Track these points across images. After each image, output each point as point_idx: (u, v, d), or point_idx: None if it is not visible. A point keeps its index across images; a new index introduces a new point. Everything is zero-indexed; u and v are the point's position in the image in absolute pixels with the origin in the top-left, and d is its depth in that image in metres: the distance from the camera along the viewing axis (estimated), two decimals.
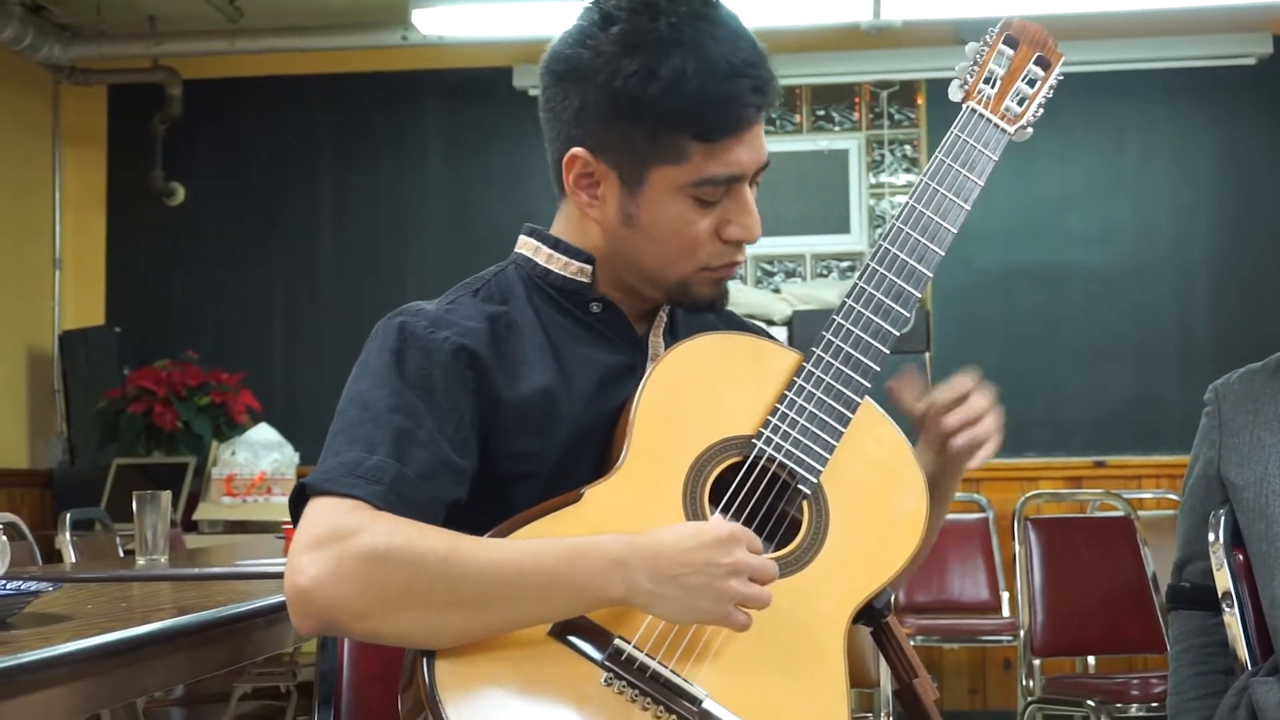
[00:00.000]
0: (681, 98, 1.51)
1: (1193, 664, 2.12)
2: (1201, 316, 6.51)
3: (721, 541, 1.40)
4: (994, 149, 1.65)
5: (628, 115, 1.52)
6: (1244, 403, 2.07)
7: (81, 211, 7.12)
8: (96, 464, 6.43)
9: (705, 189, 1.55)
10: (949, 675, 6.35)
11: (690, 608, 1.40)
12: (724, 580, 1.39)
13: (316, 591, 1.35)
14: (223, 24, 6.62)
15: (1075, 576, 4.24)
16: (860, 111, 6.76)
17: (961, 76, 1.67)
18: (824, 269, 6.70)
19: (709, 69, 1.51)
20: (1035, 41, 1.69)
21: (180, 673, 2.10)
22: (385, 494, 1.41)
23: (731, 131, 1.53)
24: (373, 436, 1.45)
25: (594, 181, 1.58)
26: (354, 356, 1.55)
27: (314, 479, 1.44)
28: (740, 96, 1.53)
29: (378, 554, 1.35)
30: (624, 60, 1.52)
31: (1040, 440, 6.45)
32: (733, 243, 1.59)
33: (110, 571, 3.10)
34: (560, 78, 1.58)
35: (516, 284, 1.63)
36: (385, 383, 1.49)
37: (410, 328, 1.54)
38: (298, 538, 1.39)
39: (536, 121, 1.66)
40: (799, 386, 1.56)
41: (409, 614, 1.36)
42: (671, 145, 1.53)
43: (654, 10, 1.53)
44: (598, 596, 1.39)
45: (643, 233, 1.57)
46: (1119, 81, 6.57)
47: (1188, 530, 2.15)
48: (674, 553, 1.39)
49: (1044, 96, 1.68)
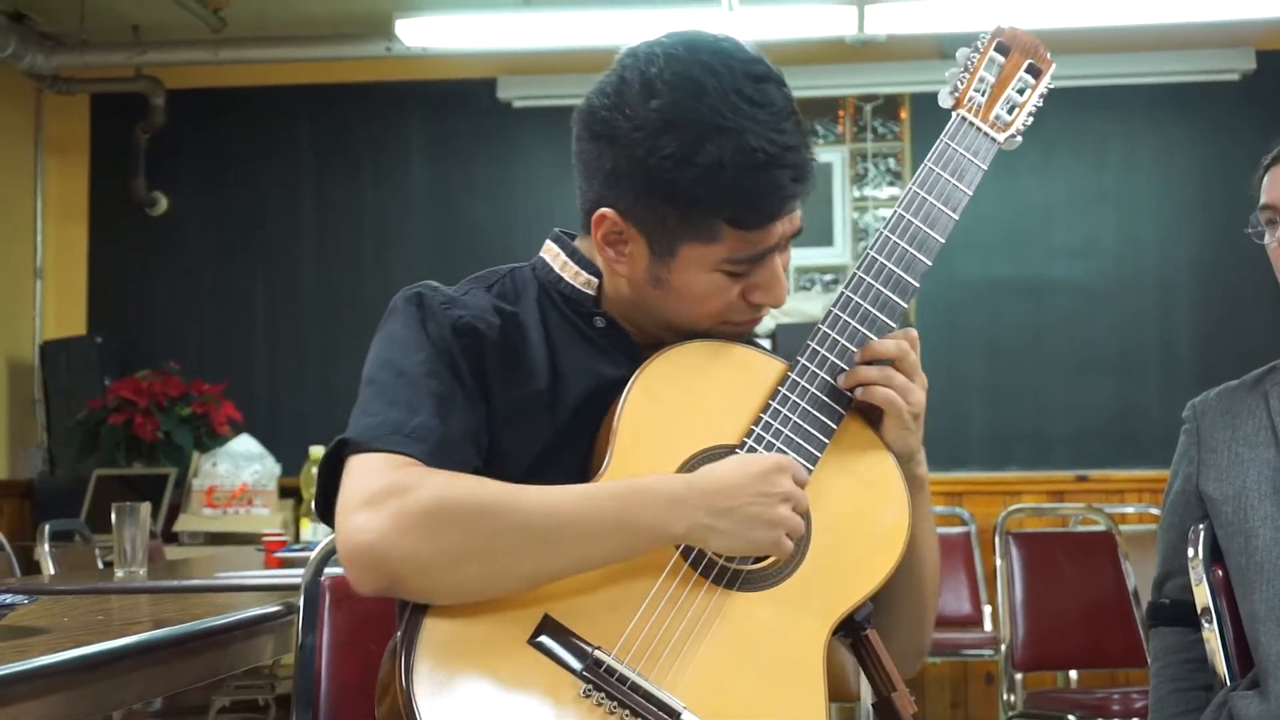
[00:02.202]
0: (717, 187, 1.47)
1: (1173, 680, 2.12)
2: (1184, 330, 6.52)
3: (768, 472, 1.45)
4: (983, 158, 1.64)
5: (661, 193, 1.50)
6: (1222, 418, 2.08)
7: (63, 221, 7.10)
8: (77, 474, 6.40)
9: (737, 265, 1.54)
10: (931, 689, 6.35)
11: (745, 538, 1.44)
12: (775, 508, 1.44)
13: (379, 546, 1.35)
14: (206, 34, 6.61)
15: (1057, 591, 4.24)
16: (844, 125, 6.77)
17: (952, 83, 1.66)
18: (807, 282, 6.70)
19: (747, 160, 1.47)
20: (1026, 49, 1.68)
21: (157, 686, 2.09)
22: (433, 453, 1.43)
23: (766, 221, 1.51)
24: (412, 399, 1.47)
25: (622, 240, 1.56)
26: (336, 366, 1.55)
27: (358, 434, 1.44)
28: (779, 187, 1.50)
29: (441, 505, 1.37)
30: (661, 139, 1.48)
31: (1023, 454, 6.45)
32: (757, 305, 1.58)
33: (88, 584, 3.09)
34: (596, 136, 1.54)
35: (530, 285, 1.63)
36: (419, 348, 1.51)
37: (429, 301, 1.55)
38: (348, 495, 1.39)
39: (519, 133, 1.66)
40: (783, 395, 1.55)
41: (473, 563, 1.37)
42: (705, 227, 1.51)
43: (697, 89, 1.48)
44: (660, 534, 1.42)
45: (670, 293, 1.56)
46: (1103, 96, 6.59)
47: (1167, 547, 2.15)
48: (729, 486, 1.44)
49: (1034, 105, 1.67)
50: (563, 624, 1.41)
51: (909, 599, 1.64)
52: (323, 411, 6.56)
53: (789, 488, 1.45)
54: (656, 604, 1.44)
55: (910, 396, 1.56)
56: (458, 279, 1.68)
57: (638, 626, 1.43)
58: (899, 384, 1.56)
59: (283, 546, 3.59)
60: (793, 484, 1.46)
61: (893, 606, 1.62)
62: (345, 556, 1.38)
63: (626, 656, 1.41)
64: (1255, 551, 1.96)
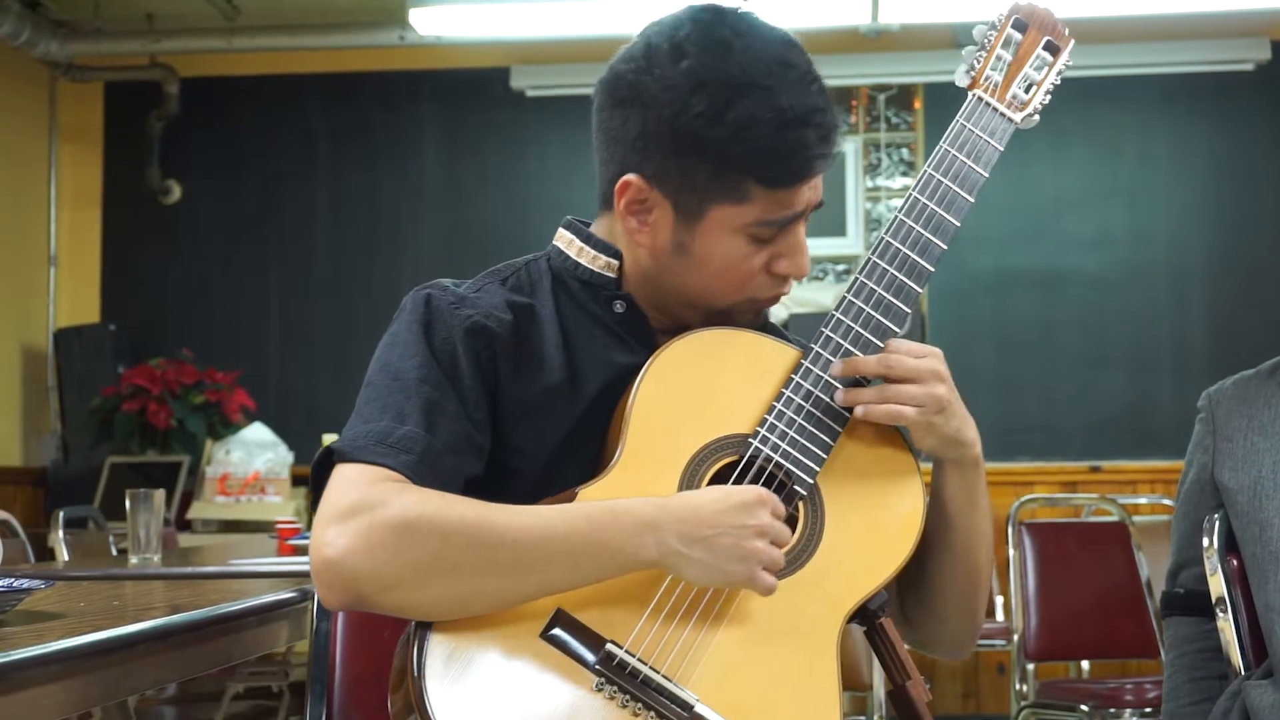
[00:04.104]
0: (749, 144, 1.48)
1: (1187, 670, 2.12)
2: (1197, 322, 6.51)
3: (748, 504, 1.41)
4: (1000, 139, 1.61)
5: (691, 152, 1.50)
6: (1238, 407, 2.07)
7: (77, 208, 7.12)
8: (90, 462, 6.42)
9: (764, 229, 1.53)
10: (942, 679, 6.35)
11: (718, 569, 1.41)
12: (750, 541, 1.41)
13: (345, 563, 1.34)
14: (220, 22, 6.62)
15: (1069, 581, 4.23)
16: (857, 115, 6.76)
17: (968, 61, 1.63)
18: (820, 272, 6.70)
19: (778, 117, 1.48)
20: (1044, 25, 1.65)
21: (171, 671, 2.09)
22: (416, 464, 1.42)
23: (797, 180, 1.51)
24: (403, 406, 1.46)
25: (647, 208, 1.55)
26: (348, 355, 1.55)
27: (343, 444, 1.44)
28: (808, 146, 1.50)
29: (407, 522, 1.35)
30: (692, 98, 1.48)
31: (1035, 445, 6.45)
32: (781, 276, 1.57)
33: (103, 570, 3.10)
34: (622, 102, 1.54)
35: (545, 276, 1.62)
36: (416, 353, 1.50)
37: (436, 301, 1.54)
38: (324, 508, 1.39)
39: (533, 122, 1.65)
40: (797, 384, 1.54)
41: (440, 582, 1.35)
42: (735, 186, 1.50)
43: (726, 49, 1.49)
44: (632, 558, 1.40)
45: (693, 262, 1.55)
46: (1116, 86, 6.57)
47: (1182, 536, 2.15)
48: (704, 514, 1.40)
49: (1052, 83, 1.64)
50: (575, 617, 1.41)
51: (963, 581, 1.62)
52: (336, 400, 6.53)
53: (766, 521, 1.42)
54: (669, 596, 1.44)
55: (915, 401, 1.52)
56: (470, 267, 1.67)
57: (650, 619, 1.43)
58: (894, 394, 1.52)
59: (296, 534, 3.60)
60: (770, 518, 1.42)
61: (946, 589, 1.61)
62: (313, 570, 1.37)
63: (640, 649, 1.41)
64: (1270, 541, 1.95)
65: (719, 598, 1.46)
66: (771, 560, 1.42)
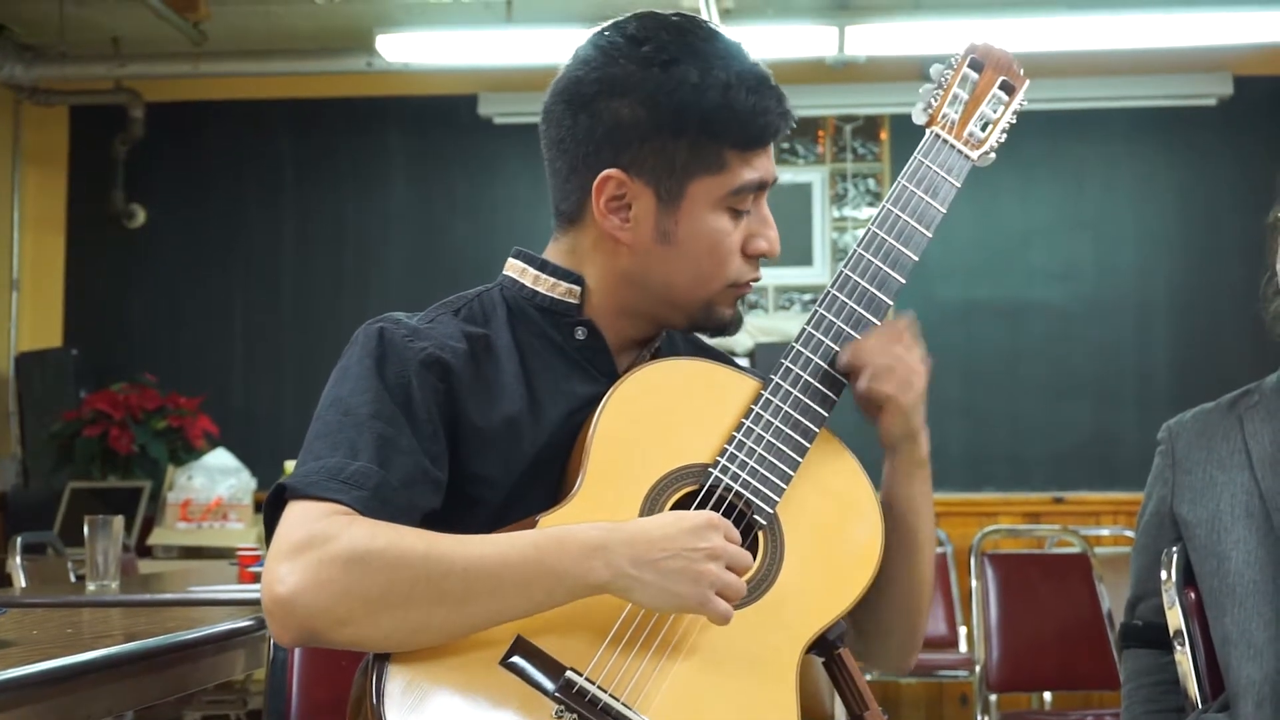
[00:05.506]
0: (723, 107, 1.53)
1: (1145, 702, 2.12)
2: (1161, 354, 6.55)
3: (699, 527, 1.41)
4: (957, 175, 1.64)
5: (669, 128, 1.53)
6: (1197, 440, 2.08)
7: (40, 232, 7.08)
8: (51, 487, 6.37)
9: (741, 198, 1.57)
10: (906, 709, 6.34)
11: (669, 592, 1.40)
12: (702, 564, 1.40)
13: (296, 600, 1.33)
14: (186, 47, 6.60)
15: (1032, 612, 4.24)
16: (824, 145, 6.79)
17: (925, 99, 1.66)
18: (786, 301, 6.71)
19: (744, 81, 1.54)
20: (1000, 66, 1.68)
21: (127, 700, 2.07)
22: (368, 500, 1.40)
23: (765, 141, 1.57)
24: (355, 442, 1.44)
25: (625, 204, 1.57)
26: (313, 382, 1.53)
27: (295, 481, 1.42)
28: (771, 107, 1.56)
29: (356, 556, 1.34)
30: (664, 74, 1.54)
31: (1001, 476, 6.47)
32: (755, 257, 1.60)
33: (59, 597, 3.07)
34: (588, 102, 1.56)
35: (499, 306, 1.62)
36: (367, 388, 1.48)
37: (390, 334, 1.53)
38: (275, 544, 1.37)
39: (499, 149, 1.66)
40: (757, 415, 1.54)
41: (391, 615, 1.34)
42: (713, 154, 1.54)
43: (678, 31, 1.57)
44: (580, 583, 1.39)
45: (678, 248, 1.57)
46: (1081, 120, 6.62)
47: (1140, 569, 2.15)
48: (654, 537, 1.40)
49: (1007, 122, 1.66)
50: (535, 645, 1.40)
51: (908, 586, 1.63)
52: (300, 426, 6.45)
53: (719, 544, 1.41)
54: (629, 624, 1.44)
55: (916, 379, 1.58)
56: (437, 293, 1.67)
57: (610, 647, 1.42)
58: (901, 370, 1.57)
59: (256, 561, 3.57)
60: (723, 540, 1.41)
61: (890, 596, 1.62)
62: (265, 609, 1.36)
63: (599, 677, 1.40)
64: (1228, 574, 1.96)
65: (679, 626, 1.45)
66: (726, 584, 1.41)
